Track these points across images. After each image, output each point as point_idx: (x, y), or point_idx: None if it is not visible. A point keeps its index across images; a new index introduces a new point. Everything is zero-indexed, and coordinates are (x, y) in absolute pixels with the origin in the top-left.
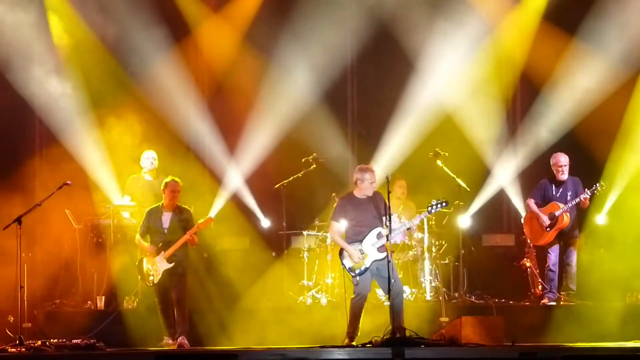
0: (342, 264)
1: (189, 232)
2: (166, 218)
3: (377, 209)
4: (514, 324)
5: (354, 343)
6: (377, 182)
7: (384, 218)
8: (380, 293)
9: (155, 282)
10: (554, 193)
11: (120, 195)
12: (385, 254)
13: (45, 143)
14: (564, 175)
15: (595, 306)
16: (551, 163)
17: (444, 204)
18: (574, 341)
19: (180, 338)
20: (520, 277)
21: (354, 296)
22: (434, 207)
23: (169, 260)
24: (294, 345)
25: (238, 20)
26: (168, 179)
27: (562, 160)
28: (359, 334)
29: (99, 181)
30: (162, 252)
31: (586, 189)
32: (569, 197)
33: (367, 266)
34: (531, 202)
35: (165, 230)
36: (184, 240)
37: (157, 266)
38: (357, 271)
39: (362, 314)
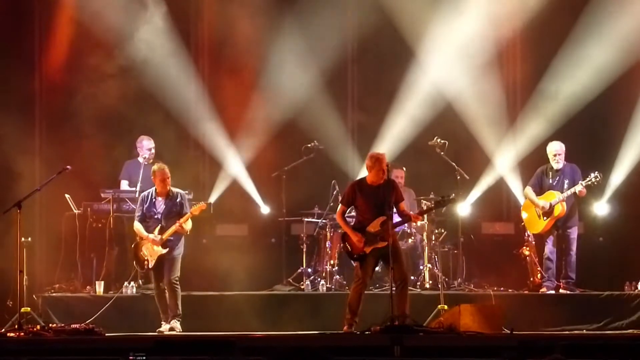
0: (344, 247)
1: (179, 221)
2: (159, 203)
3: (385, 197)
4: (513, 312)
5: (353, 330)
6: None
7: (402, 204)
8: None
9: (151, 267)
10: (550, 181)
11: (118, 180)
12: (387, 242)
13: (47, 128)
14: (560, 164)
15: (594, 295)
16: (547, 151)
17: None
18: (573, 330)
19: (171, 322)
20: (519, 265)
21: (354, 281)
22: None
23: (163, 246)
24: (293, 332)
25: (239, 8)
26: (155, 167)
27: (557, 148)
28: (358, 321)
29: (100, 166)
30: (158, 238)
31: (580, 181)
32: (566, 185)
33: (367, 252)
34: (529, 190)
35: (159, 216)
36: (175, 228)
37: (152, 251)
38: (356, 256)
39: (361, 301)
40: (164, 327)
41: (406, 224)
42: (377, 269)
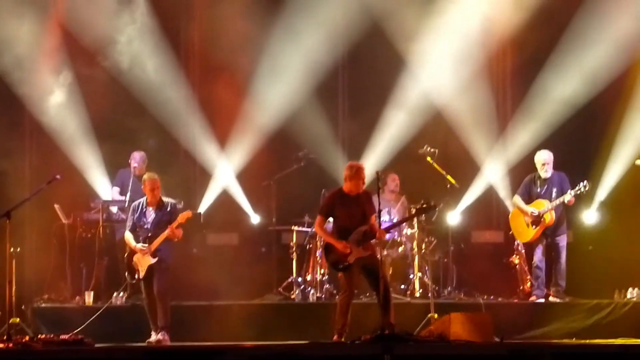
0: (326, 259)
1: (169, 227)
2: (149, 213)
3: (364, 207)
4: (503, 321)
5: (342, 339)
6: (366, 178)
7: (374, 216)
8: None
9: (141, 277)
10: (538, 190)
11: (110, 187)
12: (369, 252)
13: (35, 137)
14: (548, 173)
15: (584, 303)
16: (535, 160)
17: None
18: (563, 338)
19: (160, 334)
20: (509, 274)
21: (341, 292)
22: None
23: (152, 255)
24: (283, 341)
25: (230, 15)
26: (145, 177)
27: (546, 157)
28: (347, 330)
29: (89, 176)
30: (147, 248)
31: (570, 190)
32: (554, 194)
33: (351, 263)
34: (517, 199)
35: (149, 225)
36: (165, 235)
37: (142, 261)
38: (340, 267)
39: (349, 310)
40: (154, 338)
41: (396, 233)
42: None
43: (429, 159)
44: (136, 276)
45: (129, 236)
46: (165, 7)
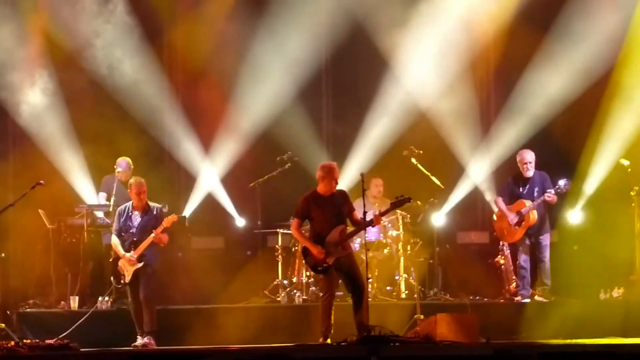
0: (305, 262)
1: (154, 231)
2: (135, 217)
3: (340, 207)
4: (489, 321)
5: (329, 341)
6: (350, 180)
7: (354, 213)
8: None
9: (127, 281)
10: (520, 190)
11: (95, 193)
12: (347, 251)
13: (18, 142)
14: (530, 172)
15: (570, 303)
16: (517, 160)
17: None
18: (549, 338)
19: (146, 338)
20: (494, 274)
21: (322, 294)
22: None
23: (138, 260)
24: (269, 344)
25: (212, 20)
26: (132, 181)
27: (528, 157)
28: (332, 331)
29: (73, 181)
30: (132, 252)
31: (549, 190)
32: (536, 194)
33: (330, 264)
34: (499, 200)
35: (135, 230)
36: (150, 240)
37: (128, 266)
38: (319, 269)
39: (332, 312)
40: (139, 342)
41: (381, 234)
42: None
43: (413, 160)
44: (122, 281)
45: (115, 241)
46: (147, 10)
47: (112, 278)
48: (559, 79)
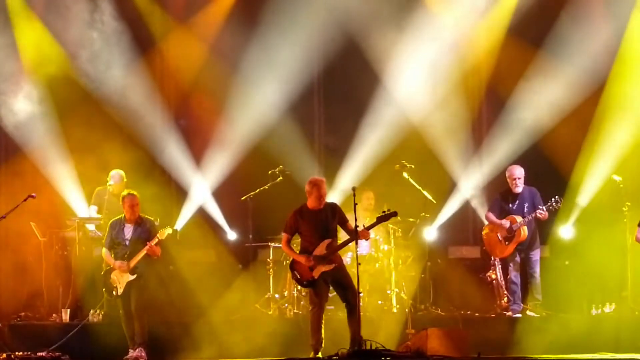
0: (292, 275)
1: (148, 244)
2: (128, 230)
3: (328, 221)
4: (480, 336)
5: (320, 355)
6: (342, 193)
7: (348, 223)
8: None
9: (119, 294)
10: (510, 206)
11: (87, 206)
12: (334, 264)
13: (10, 155)
14: (519, 188)
15: (561, 318)
16: (506, 176)
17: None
18: (541, 353)
19: (137, 350)
20: (486, 289)
21: (311, 308)
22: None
23: (131, 272)
24: (260, 357)
25: (204, 32)
26: (124, 193)
27: (517, 172)
28: (322, 345)
29: (65, 194)
30: (125, 264)
31: (540, 206)
32: (526, 209)
33: (316, 277)
34: (490, 215)
35: (127, 242)
36: (144, 252)
37: (120, 278)
38: (304, 283)
39: (322, 325)
40: (131, 354)
41: (373, 249)
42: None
43: (405, 174)
44: (114, 293)
45: (106, 253)
46: (138, 22)
47: (104, 290)
48: (551, 92)
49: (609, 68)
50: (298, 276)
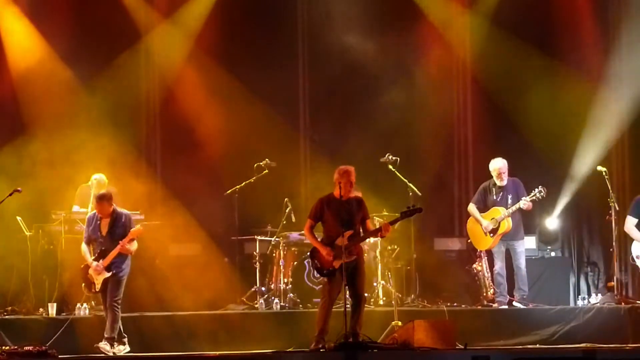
0: (313, 263)
1: (121, 242)
2: (104, 224)
3: (353, 213)
4: (467, 328)
5: (320, 346)
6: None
7: (368, 221)
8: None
9: (97, 290)
10: (494, 197)
11: (71, 203)
12: (355, 257)
13: None
14: (504, 181)
15: (547, 309)
16: (490, 169)
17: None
18: (527, 344)
19: (102, 342)
20: (471, 280)
21: (321, 298)
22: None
23: (107, 269)
24: (247, 351)
25: (188, 27)
26: (95, 190)
27: (501, 165)
28: (324, 337)
29: (51, 189)
30: (101, 261)
31: (523, 198)
32: (509, 200)
33: (336, 267)
34: (472, 208)
35: (102, 239)
36: (117, 251)
37: (97, 275)
38: (324, 272)
39: (327, 318)
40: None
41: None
42: None
43: (390, 167)
44: (92, 289)
45: (85, 249)
46: (123, 17)
47: (83, 285)
48: (538, 89)
49: (597, 60)
50: (318, 265)
